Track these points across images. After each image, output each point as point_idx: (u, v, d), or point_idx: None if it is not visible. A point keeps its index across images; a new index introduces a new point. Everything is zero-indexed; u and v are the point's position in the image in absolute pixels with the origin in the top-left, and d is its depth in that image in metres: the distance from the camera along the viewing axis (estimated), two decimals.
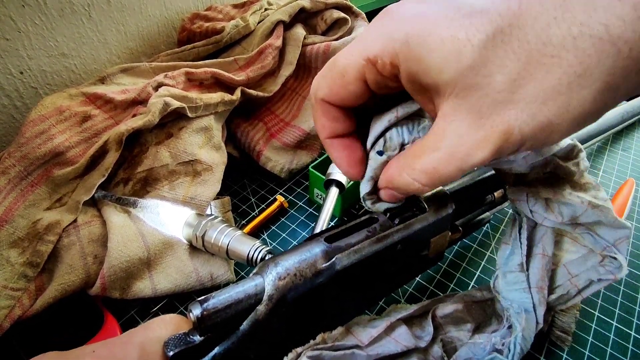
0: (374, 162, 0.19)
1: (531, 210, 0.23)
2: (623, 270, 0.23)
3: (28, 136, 0.31)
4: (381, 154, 0.19)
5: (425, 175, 0.16)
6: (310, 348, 0.20)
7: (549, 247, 0.24)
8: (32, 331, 0.28)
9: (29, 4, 0.35)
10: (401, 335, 0.22)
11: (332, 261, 0.20)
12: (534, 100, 0.14)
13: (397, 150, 0.19)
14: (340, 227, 0.22)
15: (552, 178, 0.23)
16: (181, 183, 0.33)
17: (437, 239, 0.25)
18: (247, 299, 0.18)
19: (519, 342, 0.23)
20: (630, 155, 0.48)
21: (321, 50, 0.42)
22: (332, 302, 0.21)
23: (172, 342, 0.18)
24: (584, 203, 0.22)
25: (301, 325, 0.21)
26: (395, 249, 0.22)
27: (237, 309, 0.18)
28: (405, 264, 0.24)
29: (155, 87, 0.35)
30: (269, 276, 0.19)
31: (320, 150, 0.43)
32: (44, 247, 0.28)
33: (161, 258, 0.30)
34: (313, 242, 0.21)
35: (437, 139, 0.16)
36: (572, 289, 0.24)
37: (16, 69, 0.37)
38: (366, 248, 0.21)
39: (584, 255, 0.24)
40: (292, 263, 0.19)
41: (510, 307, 0.25)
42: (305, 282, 0.19)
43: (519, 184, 0.23)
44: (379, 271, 0.23)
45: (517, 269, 0.25)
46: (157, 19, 0.47)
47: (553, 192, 0.22)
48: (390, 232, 0.22)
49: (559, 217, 0.23)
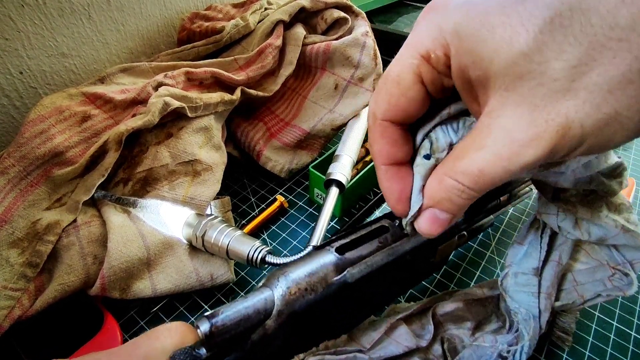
0: (422, 168, 0.17)
1: (559, 225, 0.22)
2: (633, 287, 0.22)
3: (27, 136, 0.31)
4: (428, 157, 0.16)
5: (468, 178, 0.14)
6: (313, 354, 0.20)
7: (565, 256, 0.24)
8: (31, 331, 0.28)
9: (28, 3, 0.35)
10: (401, 335, 0.22)
11: (343, 275, 0.19)
12: (598, 89, 0.12)
13: (446, 151, 0.16)
14: (351, 237, 0.21)
15: (590, 196, 0.22)
16: (181, 183, 0.33)
17: (444, 246, 0.25)
18: (256, 315, 0.18)
19: (526, 351, 0.23)
20: (630, 155, 0.48)
21: (321, 49, 0.42)
22: (339, 311, 0.21)
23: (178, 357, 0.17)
24: (617, 227, 0.21)
25: (307, 334, 0.20)
26: (405, 259, 0.22)
27: (246, 326, 0.17)
28: (413, 271, 0.24)
29: (155, 87, 0.35)
30: (279, 290, 0.18)
31: (320, 149, 0.43)
32: (44, 247, 0.28)
33: (161, 258, 0.30)
34: (323, 252, 0.20)
35: (481, 137, 0.14)
36: (577, 299, 0.24)
37: (16, 69, 0.37)
38: (377, 260, 0.20)
39: (594, 267, 0.24)
40: (303, 276, 0.18)
41: (518, 312, 0.24)
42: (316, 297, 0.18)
43: (556, 199, 0.22)
44: (388, 280, 0.22)
45: (531, 272, 0.24)
46: (156, 18, 0.46)
47: (590, 213, 0.21)
48: (401, 242, 0.21)
49: (585, 235, 0.22)
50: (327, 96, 0.42)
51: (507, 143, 0.13)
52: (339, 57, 0.42)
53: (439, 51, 0.15)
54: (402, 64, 0.15)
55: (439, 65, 0.15)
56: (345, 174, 0.35)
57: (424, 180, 0.17)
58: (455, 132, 0.17)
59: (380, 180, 0.18)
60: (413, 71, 0.15)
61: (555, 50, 0.12)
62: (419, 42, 0.15)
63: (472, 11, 0.14)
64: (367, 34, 0.43)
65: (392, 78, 0.16)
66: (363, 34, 0.42)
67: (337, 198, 0.34)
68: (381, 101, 0.16)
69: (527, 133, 0.13)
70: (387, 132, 0.17)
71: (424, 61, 0.15)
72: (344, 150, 0.37)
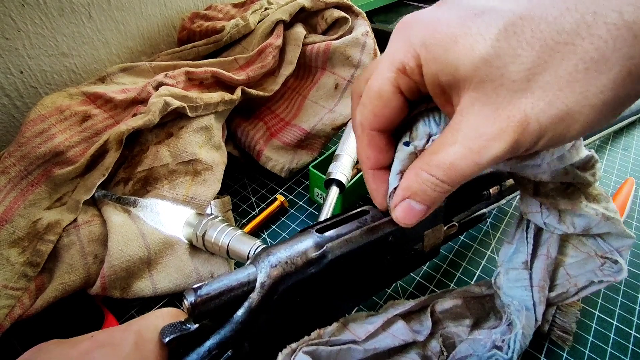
0: (400, 154, 0.19)
1: (545, 222, 0.23)
2: (623, 272, 0.23)
3: (28, 135, 0.31)
4: (407, 144, 0.18)
5: (441, 171, 0.16)
6: (306, 343, 0.20)
7: (553, 250, 0.25)
8: (32, 331, 0.28)
9: (28, 3, 0.35)
10: (398, 330, 0.22)
11: (322, 250, 0.20)
12: (550, 88, 0.14)
13: (424, 140, 0.18)
14: (332, 219, 0.22)
15: (569, 189, 0.23)
16: (181, 182, 0.33)
17: (430, 232, 0.25)
18: (240, 286, 0.19)
19: (519, 339, 0.23)
20: (630, 155, 0.48)
21: (321, 49, 0.42)
22: (326, 294, 0.21)
23: (168, 330, 0.18)
24: (598, 215, 0.22)
25: (296, 318, 0.21)
26: (387, 241, 0.22)
27: (230, 296, 0.18)
28: (400, 258, 0.25)
29: (156, 87, 0.35)
30: (261, 265, 0.19)
31: (320, 149, 0.43)
32: (44, 247, 0.28)
33: (161, 257, 0.30)
34: (305, 233, 0.21)
35: (453, 134, 0.15)
36: (571, 287, 0.25)
37: (16, 69, 0.37)
38: (357, 239, 0.21)
39: (584, 259, 0.24)
40: (284, 253, 0.20)
41: (511, 304, 0.25)
42: (297, 271, 0.19)
43: (537, 194, 0.24)
44: (372, 264, 0.23)
45: (521, 266, 0.25)
46: (157, 18, 0.46)
47: (571, 204, 0.22)
48: (380, 222, 0.22)
49: (570, 228, 0.23)
50: (328, 96, 0.42)
51: (476, 138, 0.15)
52: (339, 57, 0.42)
53: (412, 62, 0.16)
54: (381, 77, 0.17)
55: (414, 75, 0.16)
56: (346, 173, 0.35)
57: (401, 164, 0.18)
58: (438, 125, 0.18)
59: (368, 182, 0.20)
60: (392, 84, 0.17)
61: (511, 55, 0.14)
62: (394, 56, 0.17)
63: (437, 25, 0.15)
64: (367, 33, 0.43)
65: (374, 92, 0.17)
66: (363, 33, 0.43)
67: (337, 197, 0.34)
68: (367, 113, 0.18)
69: (492, 129, 0.14)
70: (374, 140, 0.19)
71: (400, 73, 0.17)
72: (344, 150, 0.37)
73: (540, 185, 0.23)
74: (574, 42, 0.13)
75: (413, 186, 0.17)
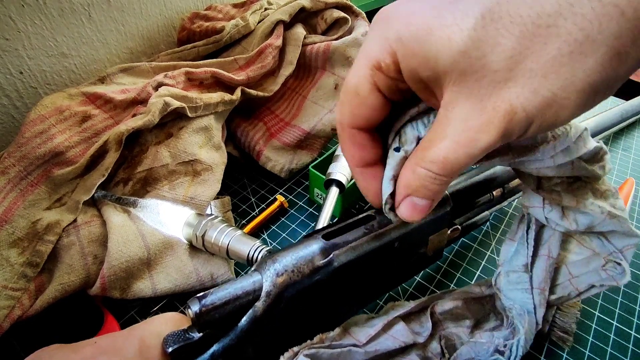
0: (392, 160, 0.18)
1: (546, 217, 0.23)
2: (626, 277, 0.22)
3: (28, 136, 0.31)
4: (398, 150, 0.18)
5: (436, 166, 0.15)
6: (307, 347, 0.20)
7: (554, 249, 0.24)
8: (32, 331, 0.28)
9: (28, 3, 0.35)
10: (398, 331, 0.22)
11: (329, 258, 0.20)
12: (534, 75, 0.13)
13: (414, 144, 0.18)
14: (338, 225, 0.22)
15: (575, 184, 0.22)
16: (181, 183, 0.33)
17: (435, 236, 0.25)
18: (245, 295, 0.18)
19: (522, 344, 0.23)
20: (630, 155, 0.48)
21: (321, 50, 0.42)
22: (330, 299, 0.21)
23: (171, 339, 0.18)
24: (603, 213, 0.21)
25: (300, 323, 0.21)
26: (393, 247, 0.22)
27: (235, 306, 0.18)
28: (404, 262, 0.24)
29: (155, 87, 0.35)
30: (267, 273, 0.19)
31: (320, 149, 0.43)
32: (44, 247, 0.28)
33: (161, 258, 0.30)
34: (311, 239, 0.21)
35: (442, 128, 0.15)
36: (572, 291, 0.24)
37: (16, 69, 0.37)
38: (364, 245, 0.21)
39: (588, 257, 0.24)
40: (290, 260, 0.19)
41: (512, 308, 0.25)
42: (302, 279, 0.19)
43: (540, 188, 0.23)
44: (377, 268, 0.23)
45: (521, 269, 0.25)
46: (156, 18, 0.46)
47: (575, 201, 0.21)
48: (387, 229, 0.22)
49: (573, 225, 0.22)
50: (327, 96, 0.42)
51: (464, 131, 0.14)
52: (339, 57, 0.42)
53: (388, 59, 0.16)
54: (358, 75, 0.17)
55: (390, 72, 0.16)
56: (345, 173, 0.35)
57: (394, 170, 0.18)
58: (425, 126, 0.18)
59: (357, 180, 0.20)
60: (368, 81, 0.16)
61: (491, 44, 0.13)
62: (369, 53, 0.16)
63: (411, 18, 0.15)
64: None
65: (350, 89, 0.17)
66: (363, 34, 0.43)
67: (337, 198, 0.34)
68: (345, 111, 0.18)
69: (479, 121, 0.14)
70: (356, 138, 0.18)
71: (376, 70, 0.16)
72: None
73: (543, 180, 0.22)
74: (556, 24, 0.12)
75: (412, 183, 0.17)
